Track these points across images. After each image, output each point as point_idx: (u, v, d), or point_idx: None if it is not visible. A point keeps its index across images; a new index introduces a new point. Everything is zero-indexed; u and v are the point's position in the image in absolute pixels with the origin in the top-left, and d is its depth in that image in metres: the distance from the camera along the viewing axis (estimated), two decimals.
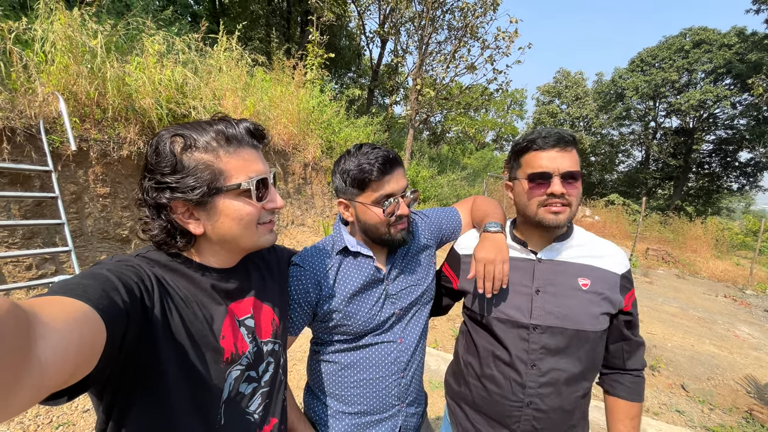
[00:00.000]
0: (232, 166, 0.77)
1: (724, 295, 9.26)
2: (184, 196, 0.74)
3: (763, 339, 6.19)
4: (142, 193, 0.77)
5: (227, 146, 0.77)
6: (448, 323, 5.02)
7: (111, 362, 0.58)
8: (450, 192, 12.70)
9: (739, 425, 3.49)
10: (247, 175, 0.78)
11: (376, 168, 1.04)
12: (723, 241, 15.34)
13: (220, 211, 0.78)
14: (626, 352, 1.21)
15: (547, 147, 1.08)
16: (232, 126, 0.79)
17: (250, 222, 0.81)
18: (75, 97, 3.76)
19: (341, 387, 1.18)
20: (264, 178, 0.81)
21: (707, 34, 24.17)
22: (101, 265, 0.68)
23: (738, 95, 23.11)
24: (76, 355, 0.47)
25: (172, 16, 8.23)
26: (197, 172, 0.74)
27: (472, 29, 11.27)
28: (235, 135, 0.78)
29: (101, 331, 0.54)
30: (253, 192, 0.79)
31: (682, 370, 4.60)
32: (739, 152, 25.34)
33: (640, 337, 1.22)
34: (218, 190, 0.76)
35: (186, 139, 0.74)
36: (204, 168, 0.75)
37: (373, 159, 1.04)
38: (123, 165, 4.06)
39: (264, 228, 0.85)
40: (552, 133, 1.09)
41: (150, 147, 0.75)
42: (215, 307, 0.82)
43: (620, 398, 1.20)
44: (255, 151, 0.82)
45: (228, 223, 0.79)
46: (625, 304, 1.16)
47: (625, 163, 33.58)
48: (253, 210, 0.81)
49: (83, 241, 3.71)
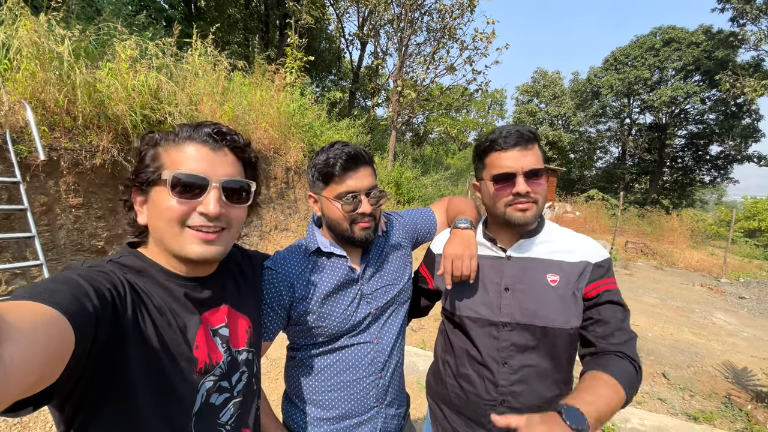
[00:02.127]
0: (170, 159, 0.78)
1: (700, 285, 9.57)
2: (134, 183, 0.80)
3: (738, 325, 6.42)
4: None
5: (176, 141, 0.79)
6: (435, 323, 5.03)
7: (78, 369, 0.57)
8: (434, 192, 12.77)
9: (719, 410, 3.60)
10: (176, 169, 0.76)
11: (339, 163, 1.06)
12: (698, 232, 15.92)
13: (152, 201, 0.79)
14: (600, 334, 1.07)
15: (509, 147, 1.08)
16: (196, 126, 0.80)
17: (171, 219, 0.76)
18: (43, 105, 3.63)
19: (318, 392, 1.16)
20: (198, 176, 0.76)
21: (676, 33, 25.05)
22: (72, 270, 0.66)
23: (707, 91, 24.03)
24: (42, 360, 0.46)
25: (146, 20, 8.06)
26: (148, 161, 0.78)
27: (450, 31, 11.42)
28: (190, 133, 0.79)
29: (69, 336, 0.52)
30: (168, 185, 0.74)
31: (663, 358, 4.73)
32: (709, 146, 26.32)
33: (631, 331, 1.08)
34: (154, 180, 0.77)
35: (153, 136, 0.80)
36: (152, 159, 0.79)
37: (338, 154, 1.07)
38: (96, 174, 3.94)
39: (192, 234, 0.77)
40: (512, 132, 1.08)
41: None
42: (189, 317, 0.80)
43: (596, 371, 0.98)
44: (209, 150, 0.79)
45: (153, 216, 0.79)
46: (585, 291, 1.10)
47: (602, 159, 34.53)
48: (174, 206, 0.75)
49: (56, 254, 3.58)
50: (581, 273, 1.12)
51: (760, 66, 20.37)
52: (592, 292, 1.11)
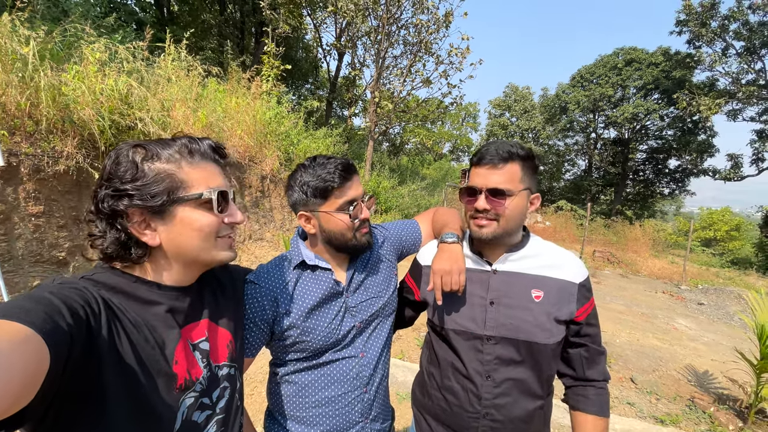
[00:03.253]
0: (193, 177, 0.78)
1: (662, 291, 10.04)
2: (144, 203, 0.73)
3: (698, 330, 6.77)
4: (95, 203, 0.75)
5: (190, 158, 0.79)
6: (413, 333, 5.03)
7: (53, 389, 0.55)
8: (411, 202, 12.88)
9: (684, 413, 3.76)
10: (207, 186, 0.79)
11: (337, 176, 1.06)
12: (659, 241, 16.76)
13: (179, 221, 0.77)
14: (585, 359, 1.18)
15: (482, 163, 1.11)
16: (195, 142, 0.81)
17: (210, 234, 0.81)
18: (3, 107, 3.43)
19: (302, 408, 1.13)
20: (224, 191, 0.82)
21: (637, 54, 26.56)
22: (43, 288, 0.64)
23: (665, 108, 25.46)
24: (19, 381, 0.44)
25: (116, 23, 7.79)
26: (158, 180, 0.74)
27: (426, 45, 11.66)
28: (198, 149, 0.81)
29: (45, 356, 0.51)
30: (214, 202, 0.79)
31: (630, 363, 4.91)
32: (668, 160, 27.84)
33: (602, 347, 1.20)
34: (179, 199, 0.76)
35: (148, 150, 0.76)
36: (165, 177, 0.75)
37: (333, 168, 1.06)
38: (59, 181, 3.74)
39: (223, 242, 0.85)
40: (490, 149, 1.10)
41: (109, 158, 0.75)
42: (167, 331, 0.78)
43: (586, 413, 1.16)
44: (217, 166, 0.85)
45: (187, 234, 0.79)
46: (576, 315, 1.15)
47: (570, 172, 35.85)
48: (214, 221, 0.81)
49: (13, 265, 3.35)
50: (569, 289, 1.15)
51: (714, 86, 21.79)
52: (582, 316, 1.15)
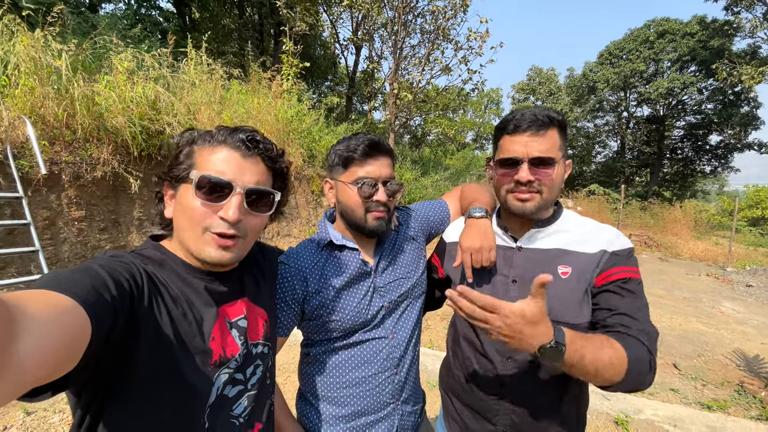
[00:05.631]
0: (200, 159, 0.80)
1: (706, 274, 9.52)
2: (166, 175, 0.83)
3: (747, 313, 6.38)
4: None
5: (210, 143, 0.82)
6: (443, 323, 5.01)
7: (95, 359, 0.58)
8: (435, 192, 12.76)
9: (732, 398, 3.56)
10: (204, 170, 0.78)
11: (361, 148, 1.08)
12: (701, 222, 15.83)
13: (178, 198, 0.81)
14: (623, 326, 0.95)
15: (519, 131, 1.02)
16: (230, 130, 0.83)
17: (193, 220, 0.78)
18: (43, 119, 3.65)
19: (333, 388, 1.15)
20: (222, 181, 0.77)
21: (670, 25, 25.06)
22: (94, 261, 0.68)
23: (703, 81, 23.98)
24: (58, 350, 0.47)
25: (141, 33, 8.10)
26: (182, 157, 0.81)
27: (443, 31, 11.43)
28: (225, 137, 0.82)
29: (86, 327, 0.53)
30: (193, 185, 0.77)
31: (672, 349, 4.69)
32: (709, 136, 26.22)
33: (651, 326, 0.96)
34: (183, 177, 0.80)
35: (192, 134, 0.84)
36: (186, 156, 0.81)
37: (360, 141, 1.09)
38: (98, 186, 3.95)
39: (210, 238, 0.78)
40: (526, 116, 1.01)
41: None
42: (206, 309, 0.81)
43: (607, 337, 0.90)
44: (240, 156, 0.81)
45: (178, 212, 0.81)
46: (596, 282, 1.01)
47: (601, 154, 34.44)
48: (197, 207, 0.77)
49: (60, 267, 3.58)
50: (597, 264, 1.02)
51: (756, 53, 20.29)
52: (603, 281, 1.01)
